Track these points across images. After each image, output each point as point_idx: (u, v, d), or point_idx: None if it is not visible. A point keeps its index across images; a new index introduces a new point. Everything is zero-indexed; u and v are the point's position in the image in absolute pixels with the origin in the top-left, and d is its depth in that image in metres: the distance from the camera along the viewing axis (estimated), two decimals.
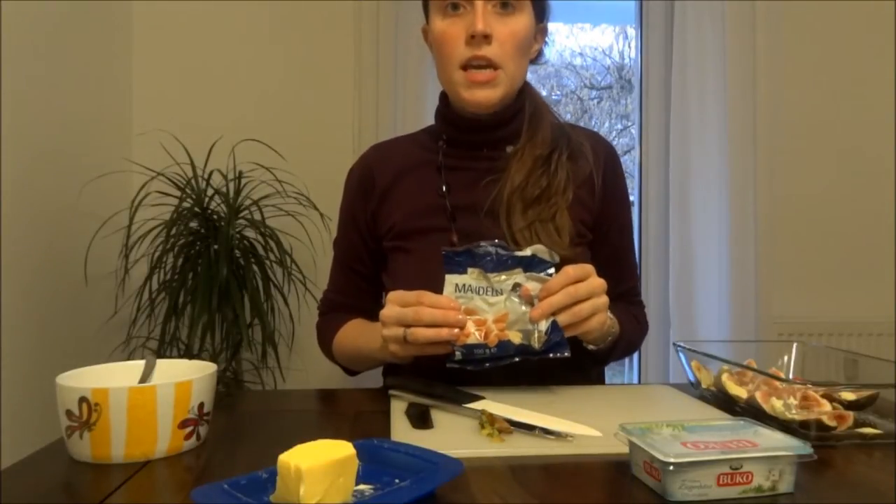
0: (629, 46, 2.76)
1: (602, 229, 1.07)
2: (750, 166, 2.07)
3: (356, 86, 2.05)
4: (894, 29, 2.23)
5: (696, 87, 2.11)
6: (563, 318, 0.83)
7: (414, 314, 0.82)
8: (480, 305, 0.84)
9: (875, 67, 2.24)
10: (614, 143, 2.69)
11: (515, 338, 0.83)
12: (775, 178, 2.12)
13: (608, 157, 1.10)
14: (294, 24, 2.08)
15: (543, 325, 0.83)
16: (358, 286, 1.13)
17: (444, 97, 1.08)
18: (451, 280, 0.85)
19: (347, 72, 2.06)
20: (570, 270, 0.84)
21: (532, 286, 0.84)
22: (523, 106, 1.05)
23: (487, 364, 0.83)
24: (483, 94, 0.98)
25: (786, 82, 2.16)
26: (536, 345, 0.83)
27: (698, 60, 2.11)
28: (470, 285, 0.84)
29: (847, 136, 2.24)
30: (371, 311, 1.11)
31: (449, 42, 0.98)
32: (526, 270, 0.85)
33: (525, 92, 1.07)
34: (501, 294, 0.84)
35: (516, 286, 0.84)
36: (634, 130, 2.38)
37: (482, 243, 0.85)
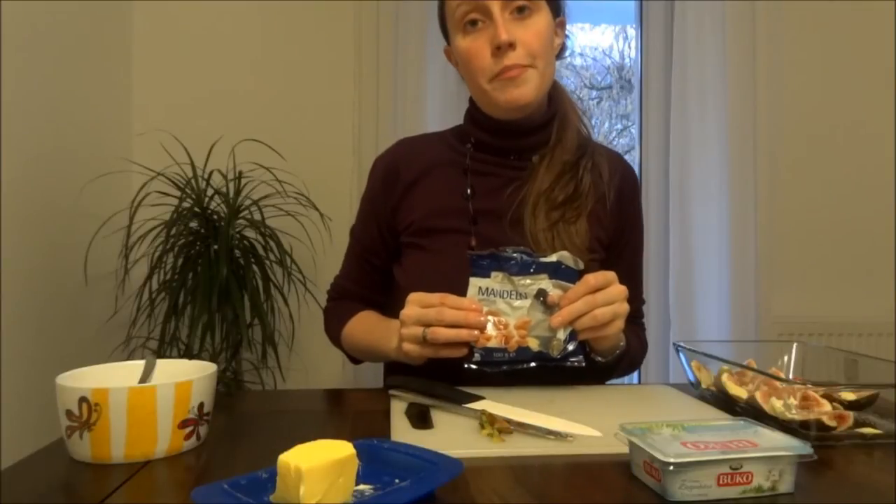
0: (629, 46, 2.75)
1: (616, 250, 1.08)
2: (750, 166, 2.07)
3: (356, 86, 2.05)
4: (894, 29, 2.23)
5: (696, 87, 2.11)
6: (582, 322, 0.83)
7: (436, 314, 0.82)
8: (503, 308, 0.84)
9: (875, 67, 2.24)
10: (614, 143, 2.68)
11: (533, 344, 0.83)
12: (775, 178, 2.12)
13: (624, 180, 1.10)
14: (294, 24, 2.08)
15: (562, 333, 0.84)
16: (371, 277, 1.13)
17: (473, 100, 1.08)
18: (475, 283, 0.85)
19: (347, 72, 2.06)
20: (591, 279, 0.84)
21: (555, 293, 0.84)
22: (553, 116, 1.05)
23: (504, 367, 0.83)
24: (518, 92, 0.97)
25: (786, 82, 2.16)
26: (554, 352, 0.83)
27: (698, 60, 2.11)
28: (493, 289, 0.85)
29: (847, 136, 2.25)
30: (382, 303, 1.11)
31: (475, 56, 0.98)
32: (551, 277, 0.85)
33: (555, 99, 1.07)
34: (526, 298, 0.84)
35: (540, 291, 0.84)
36: (634, 130, 2.37)
37: (507, 248, 0.86)
